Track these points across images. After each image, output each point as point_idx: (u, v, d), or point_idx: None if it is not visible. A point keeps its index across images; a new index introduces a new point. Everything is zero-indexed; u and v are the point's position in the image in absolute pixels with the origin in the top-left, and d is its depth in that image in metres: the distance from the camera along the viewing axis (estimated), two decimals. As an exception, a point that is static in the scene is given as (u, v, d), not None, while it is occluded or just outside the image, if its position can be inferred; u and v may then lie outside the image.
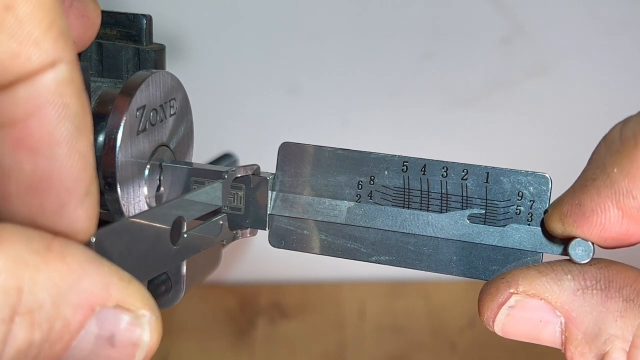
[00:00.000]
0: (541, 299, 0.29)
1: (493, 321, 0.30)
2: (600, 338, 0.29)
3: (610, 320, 0.28)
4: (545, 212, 0.32)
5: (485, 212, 0.32)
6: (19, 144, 0.24)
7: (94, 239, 0.26)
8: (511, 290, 0.30)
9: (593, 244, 0.30)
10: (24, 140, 0.24)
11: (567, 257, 0.30)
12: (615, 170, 0.28)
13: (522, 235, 0.32)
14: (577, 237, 0.30)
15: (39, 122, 0.24)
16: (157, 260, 0.31)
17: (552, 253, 0.31)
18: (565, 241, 0.31)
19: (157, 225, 0.31)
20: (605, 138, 0.29)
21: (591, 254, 0.30)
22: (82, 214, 0.26)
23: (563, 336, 0.29)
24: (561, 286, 0.29)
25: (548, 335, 0.30)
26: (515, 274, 0.30)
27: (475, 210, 0.32)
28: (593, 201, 0.28)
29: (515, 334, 0.30)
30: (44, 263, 0.24)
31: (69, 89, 0.25)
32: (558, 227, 0.30)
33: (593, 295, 0.29)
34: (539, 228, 0.32)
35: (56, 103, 0.24)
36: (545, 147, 0.72)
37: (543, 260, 0.32)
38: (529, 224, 0.32)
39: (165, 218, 0.31)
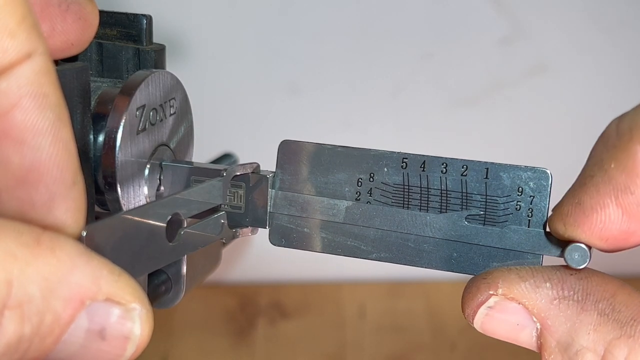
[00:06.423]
0: (519, 303, 0.29)
1: (473, 319, 0.30)
2: (572, 349, 0.28)
3: (584, 332, 0.28)
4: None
5: (485, 210, 0.32)
6: (4, 136, 0.24)
7: (85, 233, 0.26)
8: (491, 292, 0.30)
9: (590, 249, 0.29)
10: (8, 132, 0.24)
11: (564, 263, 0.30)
12: (612, 166, 0.27)
13: (520, 237, 0.32)
14: (576, 242, 0.29)
15: (21, 112, 0.24)
16: (152, 257, 0.31)
17: (551, 255, 0.31)
18: (563, 244, 0.30)
19: (152, 221, 0.31)
20: (602, 135, 0.28)
21: (587, 260, 0.29)
22: (71, 204, 0.26)
23: (538, 341, 0.29)
24: (539, 293, 0.29)
25: (525, 338, 0.30)
26: (496, 275, 0.30)
27: (474, 212, 0.32)
28: (592, 198, 0.28)
29: (494, 333, 0.30)
30: (33, 256, 0.24)
31: (47, 79, 0.25)
32: (560, 228, 0.30)
33: (569, 306, 0.29)
34: (537, 230, 0.31)
35: (36, 93, 0.25)
36: (545, 147, 0.72)
37: (543, 262, 0.32)
38: (528, 225, 0.31)
39: (161, 214, 0.31)
